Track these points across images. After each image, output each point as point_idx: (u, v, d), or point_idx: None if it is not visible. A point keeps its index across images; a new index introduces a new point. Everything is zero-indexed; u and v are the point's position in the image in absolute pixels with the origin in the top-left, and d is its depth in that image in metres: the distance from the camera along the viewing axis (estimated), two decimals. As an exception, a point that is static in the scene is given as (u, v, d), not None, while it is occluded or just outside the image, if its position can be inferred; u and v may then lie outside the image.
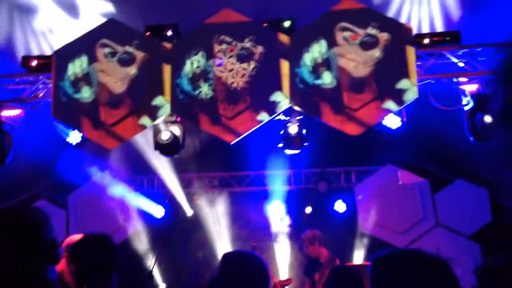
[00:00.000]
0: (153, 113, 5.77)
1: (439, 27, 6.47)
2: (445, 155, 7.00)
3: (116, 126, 5.75)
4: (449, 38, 5.90)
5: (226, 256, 2.46)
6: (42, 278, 1.61)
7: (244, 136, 5.79)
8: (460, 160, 7.19)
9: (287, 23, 5.92)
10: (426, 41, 5.92)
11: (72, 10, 6.70)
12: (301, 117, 6.21)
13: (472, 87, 5.84)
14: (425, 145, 6.92)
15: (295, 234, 7.58)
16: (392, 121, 6.22)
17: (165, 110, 5.78)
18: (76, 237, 5.14)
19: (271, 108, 5.66)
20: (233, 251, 2.82)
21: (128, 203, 8.33)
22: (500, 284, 2.15)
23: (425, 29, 6.53)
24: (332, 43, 5.64)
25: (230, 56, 5.77)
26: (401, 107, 5.58)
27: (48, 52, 6.53)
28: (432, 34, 6.01)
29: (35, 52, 6.67)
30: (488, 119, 5.57)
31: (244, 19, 5.83)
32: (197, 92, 5.72)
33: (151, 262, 7.64)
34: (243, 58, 5.73)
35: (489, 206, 7.37)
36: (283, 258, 8.14)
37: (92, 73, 5.82)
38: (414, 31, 5.92)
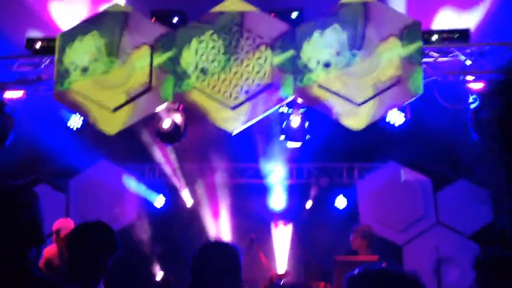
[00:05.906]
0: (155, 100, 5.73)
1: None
2: (449, 154, 6.93)
3: (118, 111, 5.71)
4: (458, 35, 5.83)
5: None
6: (20, 259, 1.55)
7: (246, 128, 5.74)
8: (463, 160, 7.12)
9: (294, 14, 5.86)
10: (435, 38, 5.85)
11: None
12: (304, 109, 6.17)
13: (478, 85, 5.77)
14: (428, 143, 6.85)
15: (294, 228, 7.54)
16: (396, 118, 6.16)
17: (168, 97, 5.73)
18: (66, 222, 5.11)
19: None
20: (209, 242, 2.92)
21: (129, 191, 8.32)
22: (496, 272, 2.34)
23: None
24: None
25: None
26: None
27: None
28: (440, 31, 5.93)
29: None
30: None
31: (251, 8, 5.76)
32: (200, 80, 5.67)
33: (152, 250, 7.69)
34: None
35: (490, 206, 7.29)
36: (281, 251, 8.11)
37: (96, 56, 5.77)
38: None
